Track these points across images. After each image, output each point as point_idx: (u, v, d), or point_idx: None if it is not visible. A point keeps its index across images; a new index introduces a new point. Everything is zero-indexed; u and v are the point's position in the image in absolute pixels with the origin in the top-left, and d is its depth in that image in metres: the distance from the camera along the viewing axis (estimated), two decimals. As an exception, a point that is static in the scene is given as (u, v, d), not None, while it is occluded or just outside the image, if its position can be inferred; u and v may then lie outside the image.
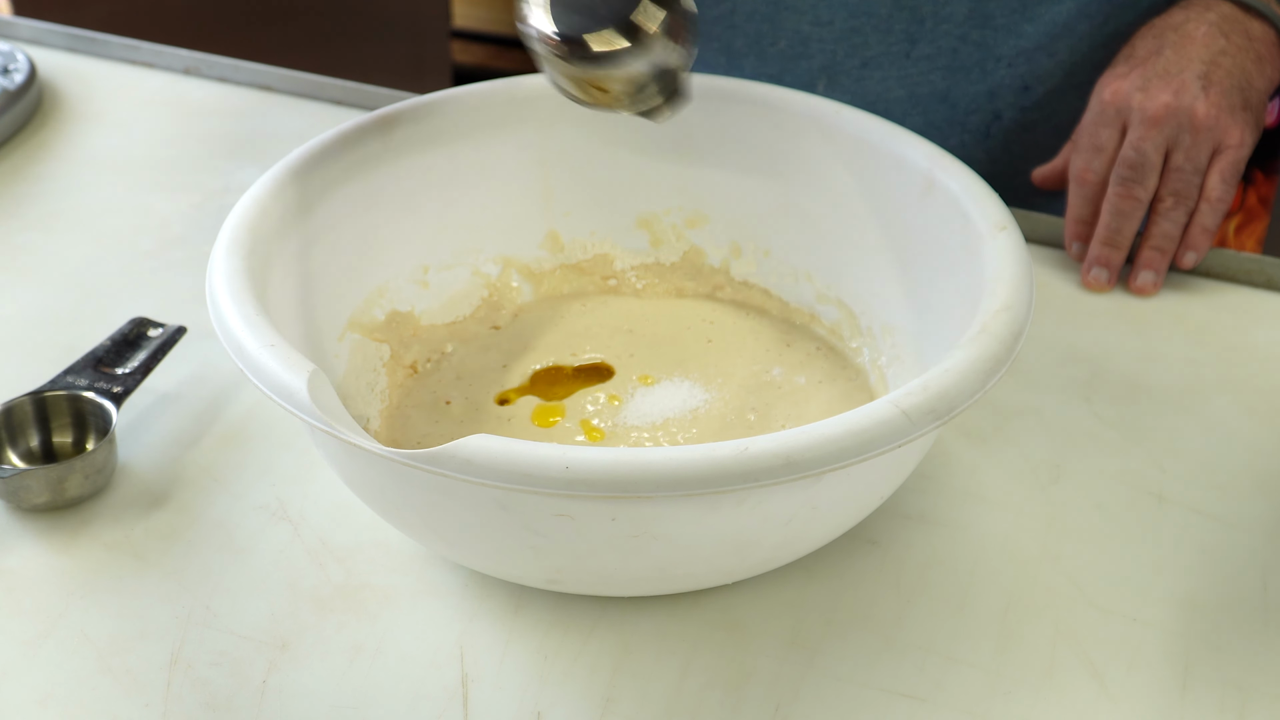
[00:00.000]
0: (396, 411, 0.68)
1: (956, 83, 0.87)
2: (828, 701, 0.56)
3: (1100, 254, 0.79)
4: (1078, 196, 0.80)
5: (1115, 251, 0.79)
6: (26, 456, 0.67)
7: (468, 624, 0.59)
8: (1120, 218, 0.78)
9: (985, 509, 0.65)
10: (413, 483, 0.53)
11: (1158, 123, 0.76)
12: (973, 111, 0.88)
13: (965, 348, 0.54)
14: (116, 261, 0.82)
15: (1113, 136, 0.78)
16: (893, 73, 0.86)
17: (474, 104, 0.72)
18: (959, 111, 0.88)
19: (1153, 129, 0.76)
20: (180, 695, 0.56)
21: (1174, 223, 0.78)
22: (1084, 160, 0.79)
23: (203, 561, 0.62)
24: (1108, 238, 0.78)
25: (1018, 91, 0.88)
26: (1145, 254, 0.79)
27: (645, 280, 0.76)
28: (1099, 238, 0.79)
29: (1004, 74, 0.87)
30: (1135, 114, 0.77)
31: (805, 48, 0.87)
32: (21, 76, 0.96)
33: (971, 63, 0.86)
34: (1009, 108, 0.89)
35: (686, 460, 0.49)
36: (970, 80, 0.87)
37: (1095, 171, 0.79)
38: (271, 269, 0.61)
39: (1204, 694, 0.57)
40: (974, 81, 0.87)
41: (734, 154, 0.73)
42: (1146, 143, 0.77)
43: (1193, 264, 0.79)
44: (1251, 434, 0.70)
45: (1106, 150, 0.78)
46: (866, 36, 0.86)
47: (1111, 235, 0.78)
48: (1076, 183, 0.80)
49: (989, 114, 0.88)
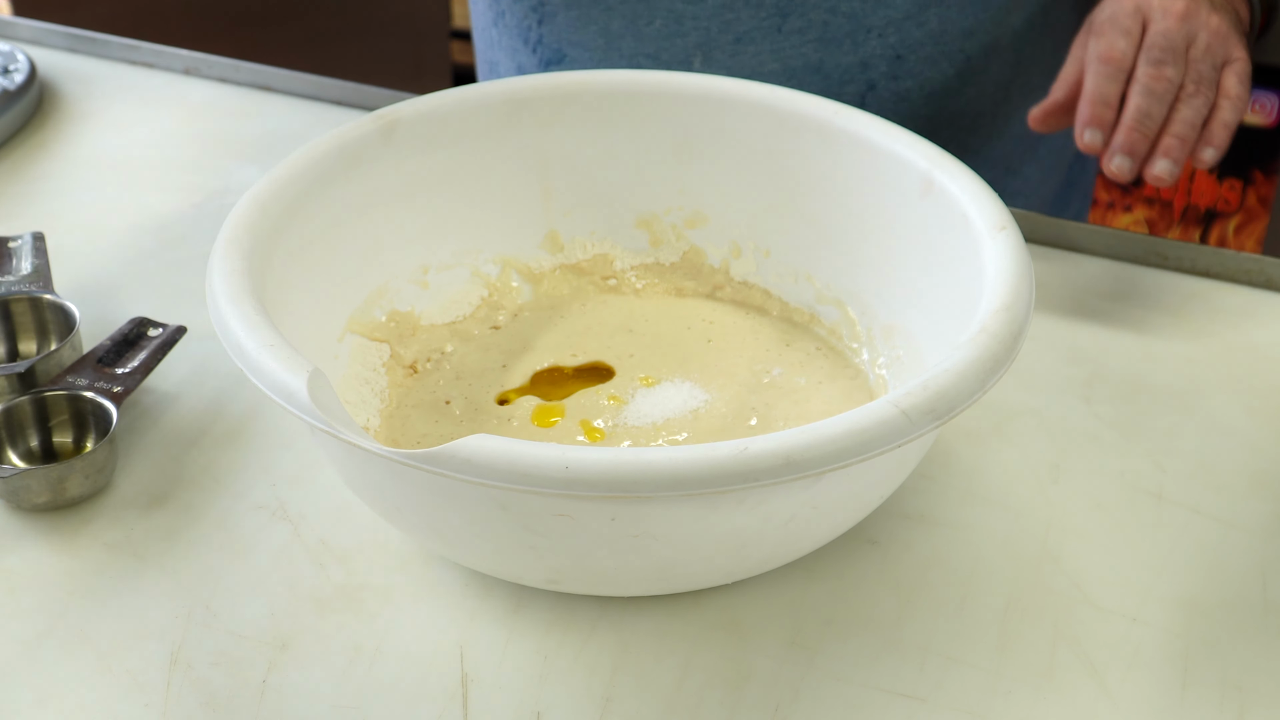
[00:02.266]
0: (396, 411, 0.68)
1: (829, 54, 0.87)
2: (828, 701, 0.56)
3: (1126, 140, 0.75)
4: (1100, 75, 0.76)
5: (1142, 138, 0.75)
6: (26, 456, 0.67)
7: (468, 624, 0.59)
8: (1151, 98, 0.75)
9: (985, 509, 0.65)
10: (413, 483, 0.53)
11: (1181, 17, 0.75)
12: (847, 82, 0.88)
13: (965, 348, 0.54)
14: (116, 261, 0.82)
15: (1136, 25, 0.76)
16: (765, 47, 0.86)
17: (474, 104, 0.72)
18: (833, 83, 0.88)
19: (1177, 21, 0.75)
20: (180, 695, 0.56)
21: (1195, 110, 0.75)
22: (1108, 42, 0.76)
23: (203, 561, 0.62)
24: (1136, 121, 0.75)
25: (890, 61, 0.87)
26: (1166, 141, 0.75)
27: (645, 280, 0.76)
28: (1126, 123, 0.75)
29: (875, 44, 0.86)
30: (1156, 11, 0.76)
31: (680, 25, 0.87)
32: (21, 76, 0.96)
33: (843, 34, 0.86)
34: (882, 77, 0.88)
35: (686, 460, 0.49)
36: (842, 51, 0.86)
37: (1121, 51, 0.76)
38: (271, 269, 0.61)
39: (1204, 694, 0.57)
40: (846, 53, 0.87)
41: (734, 154, 0.73)
42: (1174, 32, 0.75)
43: (1211, 161, 0.76)
44: (1251, 434, 0.70)
45: (1133, 34, 0.76)
46: (739, 12, 0.86)
47: (1140, 119, 0.75)
48: (1100, 62, 0.76)
49: (863, 84, 0.88)
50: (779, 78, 0.87)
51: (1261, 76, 1.67)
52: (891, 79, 0.88)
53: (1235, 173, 1.67)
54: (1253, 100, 1.62)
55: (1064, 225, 0.84)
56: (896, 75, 0.88)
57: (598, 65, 0.90)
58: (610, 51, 0.89)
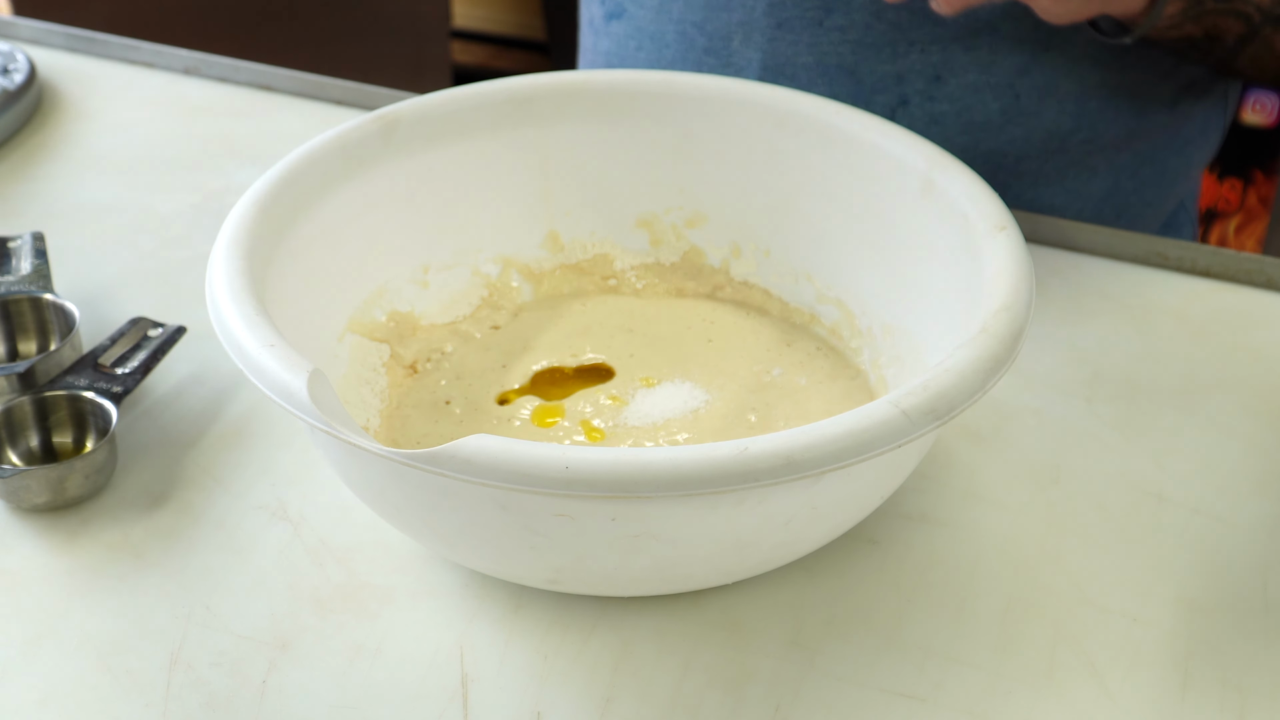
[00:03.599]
0: (396, 411, 0.68)
1: (865, 59, 0.85)
2: (828, 701, 0.56)
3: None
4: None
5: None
6: (26, 456, 0.67)
7: (468, 624, 0.59)
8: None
9: (985, 509, 0.65)
10: (413, 483, 0.53)
11: None
12: (879, 91, 0.86)
13: (965, 348, 0.54)
14: (116, 261, 0.82)
15: None
16: (804, 38, 0.85)
17: (474, 104, 0.72)
18: (865, 89, 0.86)
19: None
20: (180, 695, 0.56)
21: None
22: None
23: (203, 561, 0.62)
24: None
25: (929, 80, 0.85)
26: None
27: (645, 280, 0.76)
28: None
29: (915, 58, 0.84)
30: None
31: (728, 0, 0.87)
32: (21, 76, 0.96)
33: (883, 41, 0.84)
34: (917, 94, 0.86)
35: (686, 460, 0.49)
36: (880, 59, 0.85)
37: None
38: (271, 269, 0.61)
39: (1204, 694, 0.57)
40: (883, 61, 0.85)
41: (734, 154, 0.73)
42: None
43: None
44: (1251, 434, 0.70)
45: None
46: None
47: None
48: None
49: (895, 97, 0.86)
50: (811, 72, 0.86)
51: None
52: (927, 99, 0.86)
53: (1235, 173, 1.67)
54: (1253, 100, 1.62)
55: (1064, 225, 0.84)
56: (933, 96, 0.86)
57: (651, 23, 0.90)
58: (662, 13, 0.89)
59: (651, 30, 0.90)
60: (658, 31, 0.90)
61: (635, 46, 0.92)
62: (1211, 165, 1.68)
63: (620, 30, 0.93)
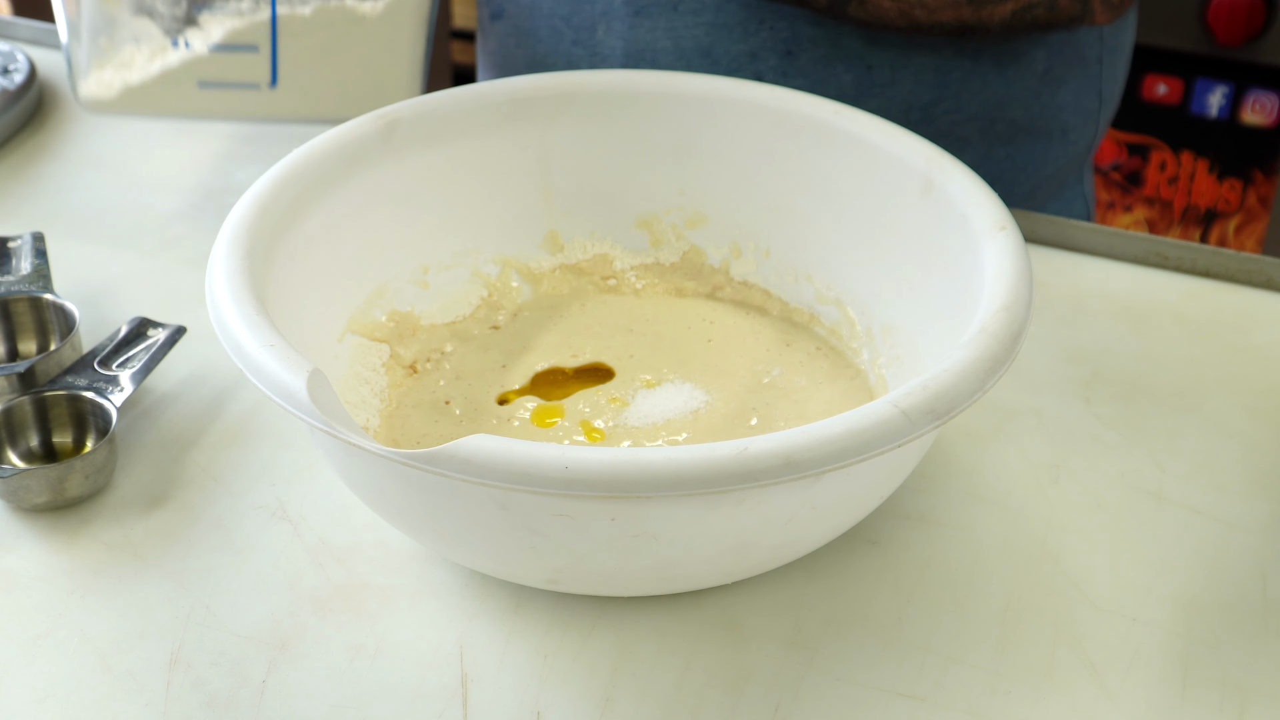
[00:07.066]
0: (396, 411, 0.68)
1: (719, 40, 0.86)
2: (828, 701, 0.56)
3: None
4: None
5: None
6: (26, 456, 0.67)
7: (468, 624, 0.59)
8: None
9: (985, 509, 0.65)
10: (412, 483, 0.53)
11: None
12: (734, 70, 0.87)
13: (965, 348, 0.54)
14: (116, 261, 0.82)
15: None
16: (661, 23, 0.86)
17: (474, 104, 0.72)
18: (720, 69, 0.87)
19: None
20: (180, 695, 0.56)
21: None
22: None
23: (203, 561, 0.62)
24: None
25: (780, 55, 0.86)
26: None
27: (645, 280, 0.76)
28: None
29: (766, 36, 0.85)
30: None
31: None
32: (21, 76, 0.96)
33: (734, 21, 0.86)
34: (771, 71, 0.87)
35: (686, 460, 0.49)
36: (733, 39, 0.86)
37: None
38: (271, 269, 0.61)
39: (1204, 694, 0.57)
40: (736, 40, 0.86)
41: (734, 154, 0.73)
42: None
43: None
44: (1251, 434, 0.70)
45: None
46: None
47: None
48: None
49: (751, 74, 0.87)
50: (670, 56, 0.87)
51: (1262, 76, 1.67)
52: (780, 74, 0.86)
53: (1235, 173, 1.67)
54: (1253, 100, 1.62)
55: (1064, 225, 0.84)
56: (785, 71, 0.86)
57: (526, 20, 0.91)
58: (534, 10, 0.90)
59: (527, 27, 0.92)
60: (532, 27, 0.91)
61: (515, 44, 0.93)
62: (1211, 165, 1.68)
63: (502, 29, 0.94)
